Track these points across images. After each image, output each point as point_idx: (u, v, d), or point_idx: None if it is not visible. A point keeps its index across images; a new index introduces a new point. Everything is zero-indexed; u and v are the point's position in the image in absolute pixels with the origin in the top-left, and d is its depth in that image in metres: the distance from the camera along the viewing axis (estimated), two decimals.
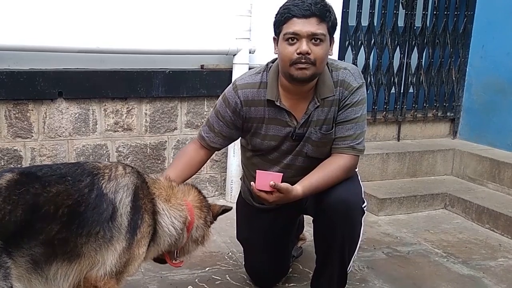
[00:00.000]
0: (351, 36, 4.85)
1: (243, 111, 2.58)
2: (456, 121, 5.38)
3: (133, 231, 2.06)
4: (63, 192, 1.93)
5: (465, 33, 5.21)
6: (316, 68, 2.36)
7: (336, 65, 2.56)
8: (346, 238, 2.55)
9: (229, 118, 2.61)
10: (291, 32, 2.32)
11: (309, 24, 2.30)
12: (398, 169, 4.80)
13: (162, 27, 4.04)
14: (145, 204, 2.13)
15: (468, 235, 3.94)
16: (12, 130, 3.83)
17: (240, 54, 4.17)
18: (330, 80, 2.51)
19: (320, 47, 2.34)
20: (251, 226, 2.97)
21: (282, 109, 2.54)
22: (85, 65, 3.93)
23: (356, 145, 2.54)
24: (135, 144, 4.19)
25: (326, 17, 2.33)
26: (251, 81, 2.58)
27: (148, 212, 2.14)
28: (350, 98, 2.52)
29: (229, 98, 2.58)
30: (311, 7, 2.29)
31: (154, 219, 2.18)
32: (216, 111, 2.64)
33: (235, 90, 2.57)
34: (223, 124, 2.62)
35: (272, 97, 2.52)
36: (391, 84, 5.09)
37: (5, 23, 3.64)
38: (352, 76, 2.53)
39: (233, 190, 4.29)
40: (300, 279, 3.13)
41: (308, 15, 2.30)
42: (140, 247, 2.11)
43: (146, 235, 2.13)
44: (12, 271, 1.78)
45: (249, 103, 2.56)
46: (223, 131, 2.64)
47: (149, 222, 2.14)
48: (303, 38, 2.31)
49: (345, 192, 2.50)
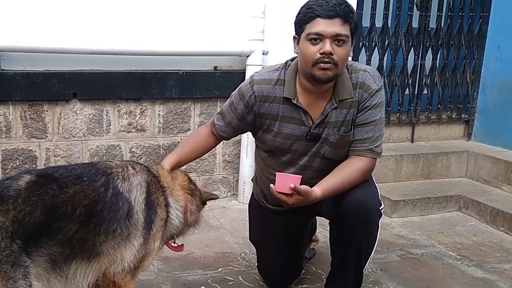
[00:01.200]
0: (365, 37, 4.83)
1: (256, 106, 2.57)
2: (471, 123, 5.34)
3: (149, 227, 2.12)
4: (80, 193, 1.98)
5: (480, 34, 5.17)
6: (337, 69, 2.35)
7: (355, 67, 2.54)
8: (363, 240, 2.54)
9: (240, 111, 2.60)
10: (314, 32, 2.30)
11: (333, 24, 2.28)
12: (412, 171, 4.77)
13: (175, 28, 4.06)
14: (157, 198, 2.22)
15: (483, 238, 3.90)
16: (28, 131, 3.87)
17: (254, 56, 4.18)
18: (348, 81, 2.50)
19: (343, 48, 2.32)
20: (264, 228, 2.96)
21: (298, 108, 2.52)
22: (99, 67, 3.97)
23: (374, 148, 2.53)
24: (148, 144, 4.21)
25: (350, 18, 2.31)
26: (268, 77, 2.57)
27: (161, 206, 2.22)
28: (369, 101, 2.50)
29: (244, 92, 2.58)
30: (336, 8, 2.27)
31: (167, 211, 2.27)
32: (231, 102, 2.65)
33: (251, 84, 2.57)
34: (234, 116, 2.63)
35: (289, 95, 2.51)
36: (405, 86, 5.07)
37: (20, 25, 3.68)
38: (372, 78, 2.51)
39: (246, 191, 4.30)
40: (313, 281, 3.12)
41: (333, 15, 2.27)
42: (156, 240, 2.18)
43: (160, 229, 2.21)
44: (31, 270, 1.81)
45: (264, 98, 2.55)
46: (233, 122, 2.65)
47: (161, 216, 2.22)
48: (327, 39, 2.29)
49: (363, 194, 2.49)
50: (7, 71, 3.73)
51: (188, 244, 3.49)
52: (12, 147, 3.85)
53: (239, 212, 4.17)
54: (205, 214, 4.05)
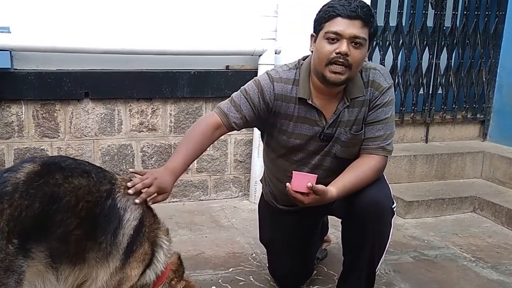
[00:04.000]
0: (379, 37, 4.78)
1: (273, 104, 2.51)
2: (486, 123, 5.28)
3: (128, 253, 1.97)
4: (85, 187, 1.88)
5: (496, 33, 5.11)
6: (351, 72, 2.33)
7: (365, 65, 2.51)
8: (376, 239, 2.51)
9: (258, 103, 2.50)
10: (333, 31, 2.27)
11: (353, 26, 2.25)
12: (426, 172, 4.72)
13: (187, 27, 4.05)
14: (148, 233, 2.07)
15: (498, 240, 3.84)
16: (40, 130, 3.88)
17: (266, 55, 4.15)
18: (360, 80, 2.48)
19: (360, 51, 2.29)
20: (275, 228, 2.94)
21: (313, 108, 2.50)
22: (111, 66, 3.97)
23: (386, 145, 2.51)
24: (160, 144, 4.20)
25: (370, 22, 2.29)
26: (285, 76, 2.52)
27: (149, 241, 2.07)
28: (380, 99, 2.49)
29: (264, 86, 2.50)
30: (358, 10, 2.25)
31: (152, 250, 2.10)
32: (246, 93, 2.52)
33: (272, 81, 2.50)
34: (251, 108, 2.51)
35: (305, 95, 2.48)
36: (419, 85, 5.02)
37: (33, 25, 3.70)
38: (382, 76, 2.50)
39: (257, 191, 4.27)
40: (325, 282, 3.09)
41: (354, 16, 2.25)
42: (133, 269, 2.02)
43: (140, 260, 2.04)
44: (26, 276, 1.72)
45: (282, 97, 2.51)
46: (249, 115, 2.51)
47: (147, 250, 2.06)
48: (344, 39, 2.26)
49: (376, 193, 2.47)
50: (20, 71, 3.74)
51: (199, 244, 3.52)
52: (25, 146, 3.87)
53: (250, 212, 4.15)
54: (216, 214, 4.09)
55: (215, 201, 4.41)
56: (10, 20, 3.66)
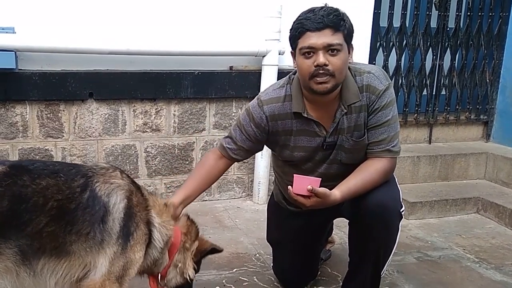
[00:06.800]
0: (383, 38, 4.78)
1: (269, 126, 2.56)
2: (490, 124, 5.27)
3: (125, 237, 2.03)
4: (53, 186, 1.94)
5: (500, 34, 5.11)
6: (336, 79, 2.33)
7: (359, 70, 2.51)
8: (382, 242, 2.52)
9: (252, 132, 2.59)
10: (306, 46, 2.29)
11: (323, 36, 2.27)
12: (429, 173, 4.72)
13: (191, 28, 4.06)
14: (139, 211, 2.11)
15: (501, 241, 3.84)
16: (44, 130, 3.89)
17: (270, 56, 4.16)
18: (354, 85, 2.47)
19: (338, 57, 2.30)
20: (283, 229, 2.95)
21: (309, 120, 2.51)
22: (115, 67, 3.98)
23: (391, 147, 2.50)
24: (163, 144, 4.21)
25: (341, 26, 2.29)
26: (275, 95, 2.55)
27: (143, 221, 2.12)
28: (378, 102, 2.47)
29: (254, 113, 2.56)
30: (324, 19, 2.26)
31: (149, 229, 2.16)
32: (240, 125, 2.63)
33: (260, 105, 2.55)
34: (246, 138, 2.60)
35: (299, 109, 2.49)
36: (422, 86, 5.02)
37: (37, 26, 3.70)
38: (377, 79, 2.48)
39: (261, 192, 4.28)
40: (329, 282, 3.10)
41: (321, 27, 2.26)
42: (136, 252, 2.08)
43: (141, 242, 2.10)
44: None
45: (276, 117, 2.54)
46: (246, 144, 2.62)
47: (144, 230, 2.12)
48: (319, 51, 2.28)
49: (383, 195, 2.46)
50: (25, 71, 3.75)
51: None
52: (29, 146, 3.88)
53: (253, 212, 4.15)
54: (219, 214, 4.10)
55: (218, 202, 4.42)
56: (15, 20, 3.66)
